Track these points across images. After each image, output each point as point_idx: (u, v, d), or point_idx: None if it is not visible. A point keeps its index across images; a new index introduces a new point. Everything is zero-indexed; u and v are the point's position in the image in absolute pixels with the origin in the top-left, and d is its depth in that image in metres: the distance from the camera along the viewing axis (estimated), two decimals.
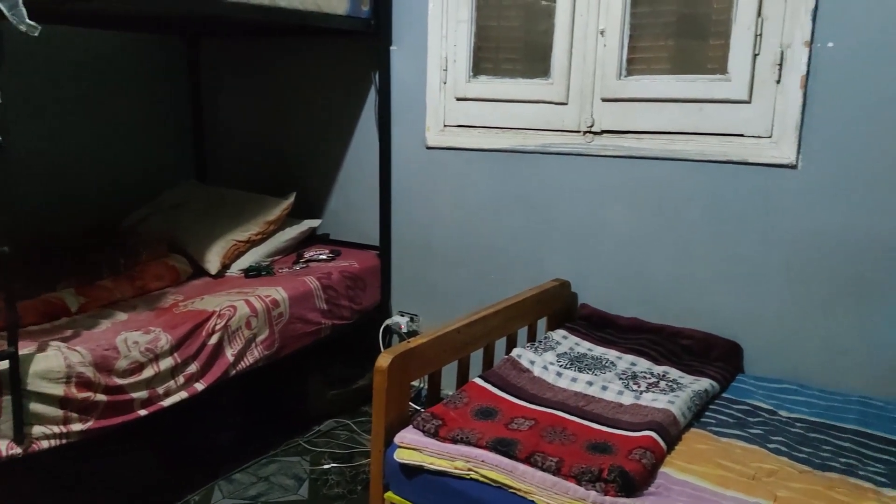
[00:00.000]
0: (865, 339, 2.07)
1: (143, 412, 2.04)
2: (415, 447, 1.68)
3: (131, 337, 2.05)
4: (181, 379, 2.16)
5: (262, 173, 3.36)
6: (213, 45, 3.41)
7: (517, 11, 2.65)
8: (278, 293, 2.50)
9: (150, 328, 2.12)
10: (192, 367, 2.19)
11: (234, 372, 2.32)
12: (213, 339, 2.24)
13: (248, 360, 2.37)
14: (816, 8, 2.02)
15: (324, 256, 2.90)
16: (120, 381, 1.97)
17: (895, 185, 1.98)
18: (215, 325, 2.25)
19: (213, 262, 2.69)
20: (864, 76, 1.99)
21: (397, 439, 1.72)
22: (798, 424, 1.87)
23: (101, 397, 1.92)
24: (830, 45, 2.02)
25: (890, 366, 2.04)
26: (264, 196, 3.00)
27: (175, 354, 2.13)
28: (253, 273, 2.71)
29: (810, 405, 1.98)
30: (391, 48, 2.84)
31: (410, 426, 1.75)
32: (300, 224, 3.01)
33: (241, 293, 2.45)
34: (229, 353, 2.30)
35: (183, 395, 2.16)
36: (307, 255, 2.91)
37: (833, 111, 2.04)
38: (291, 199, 2.95)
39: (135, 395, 2.02)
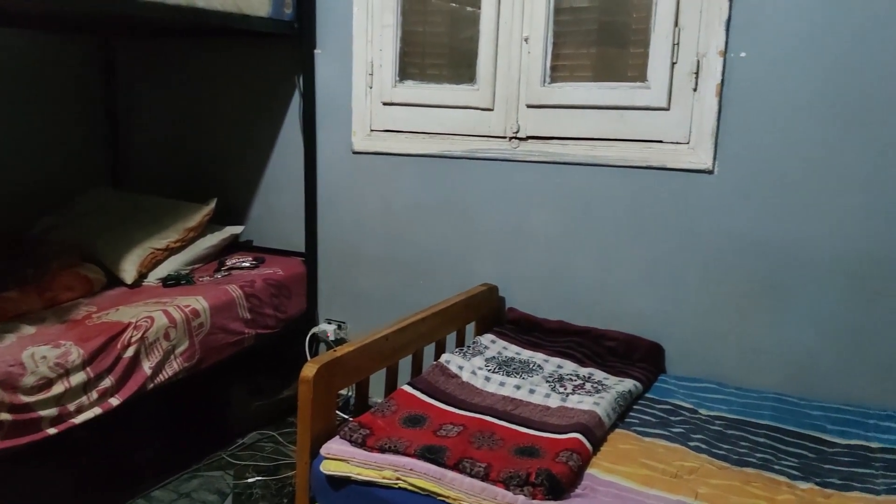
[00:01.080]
0: (778, 339, 2.16)
1: (52, 430, 1.94)
2: (341, 458, 1.65)
3: (39, 351, 1.95)
4: (94, 394, 2.06)
5: (181, 179, 3.25)
6: (128, 46, 3.29)
7: (442, 17, 2.66)
8: (199, 303, 2.41)
9: (60, 342, 2.02)
10: (107, 382, 2.09)
11: (151, 385, 2.23)
12: (129, 352, 2.14)
13: (167, 372, 2.28)
14: (730, 19, 2.09)
15: (247, 264, 2.82)
16: (26, 399, 1.87)
17: (805, 191, 2.07)
18: (131, 337, 2.16)
19: (128, 271, 2.58)
20: (775, 85, 2.07)
21: (323, 450, 1.68)
22: (717, 422, 1.93)
23: (5, 416, 1.81)
24: (743, 54, 2.10)
25: (801, 364, 2.13)
26: (184, 202, 2.91)
27: (87, 369, 2.03)
28: (171, 282, 2.61)
29: (728, 403, 2.05)
30: (315, 51, 2.80)
31: (337, 436, 1.71)
32: (222, 231, 2.92)
33: (159, 303, 2.36)
34: (146, 367, 2.20)
35: (97, 411, 2.06)
36: (229, 262, 2.83)
37: (746, 119, 2.12)
38: (212, 204, 2.87)
39: (43, 412, 1.91)
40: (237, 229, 2.98)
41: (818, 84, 2.02)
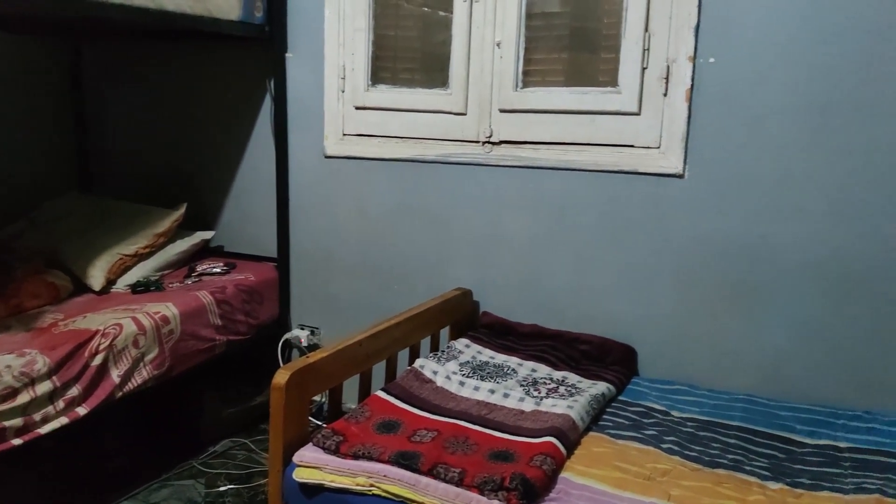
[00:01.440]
0: (748, 341, 2.18)
1: (17, 441, 1.90)
2: (314, 465, 1.64)
3: (4, 360, 1.91)
4: (61, 404, 2.02)
5: (151, 184, 3.20)
6: (97, 49, 3.24)
7: (415, 22, 2.65)
8: (168, 309, 2.38)
9: (25, 350, 1.98)
10: (74, 391, 2.05)
11: (120, 394, 2.19)
12: (97, 360, 2.11)
13: (137, 380, 2.25)
14: (699, 25, 2.12)
15: (218, 270, 2.79)
16: None
17: (774, 194, 2.10)
18: (99, 344, 2.12)
19: (96, 277, 2.54)
20: (744, 90, 2.10)
21: (296, 458, 1.66)
22: (689, 424, 1.94)
23: None
24: (712, 60, 2.13)
25: (771, 365, 2.16)
26: (153, 207, 2.87)
27: (54, 378, 1.99)
28: (141, 288, 2.57)
29: (700, 405, 2.07)
30: (287, 55, 2.78)
31: (310, 443, 1.70)
32: (192, 236, 2.89)
33: (128, 310, 2.33)
34: (115, 375, 2.17)
35: (63, 420, 2.02)
36: (200, 268, 2.80)
37: (716, 123, 2.15)
38: (182, 210, 2.83)
39: (8, 423, 1.87)
40: (208, 234, 2.95)
41: (787, 89, 2.05)
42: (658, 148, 2.24)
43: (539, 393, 1.99)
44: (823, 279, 2.07)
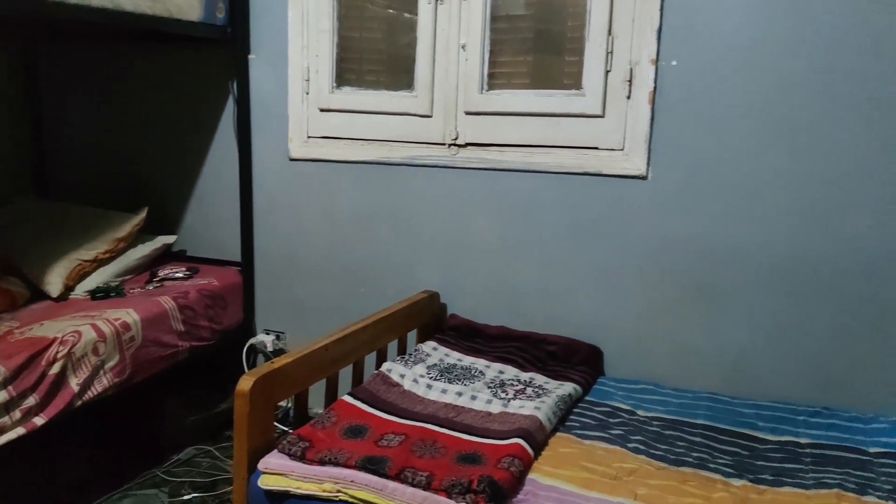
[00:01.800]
0: (712, 340, 2.21)
1: None
2: (280, 472, 1.61)
3: None
4: (17, 414, 1.96)
5: (111, 187, 3.13)
6: (54, 50, 3.16)
7: (379, 23, 2.64)
8: (129, 315, 2.33)
9: None
10: (31, 400, 1.99)
11: (80, 403, 2.14)
12: (55, 369, 2.05)
13: (97, 388, 2.19)
14: (661, 28, 2.15)
15: (180, 274, 2.74)
16: None
17: (736, 195, 2.13)
18: (57, 352, 2.06)
19: (54, 283, 2.48)
20: (706, 93, 2.13)
21: (261, 465, 1.64)
22: (654, 423, 1.96)
23: None
24: (674, 63, 2.15)
25: (734, 363, 2.19)
26: (113, 211, 2.81)
27: (9, 387, 1.93)
28: (100, 294, 2.51)
29: (665, 404, 2.09)
30: (250, 57, 2.75)
31: (275, 450, 1.67)
32: (153, 241, 2.84)
33: (88, 317, 2.27)
34: (74, 383, 2.11)
35: (20, 431, 1.96)
36: (161, 273, 2.74)
37: (678, 125, 2.18)
38: (143, 214, 2.78)
39: None
40: (170, 239, 2.90)
41: (748, 91, 2.08)
42: (622, 150, 2.26)
43: (507, 394, 2.00)
44: (785, 279, 2.11)
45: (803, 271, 2.08)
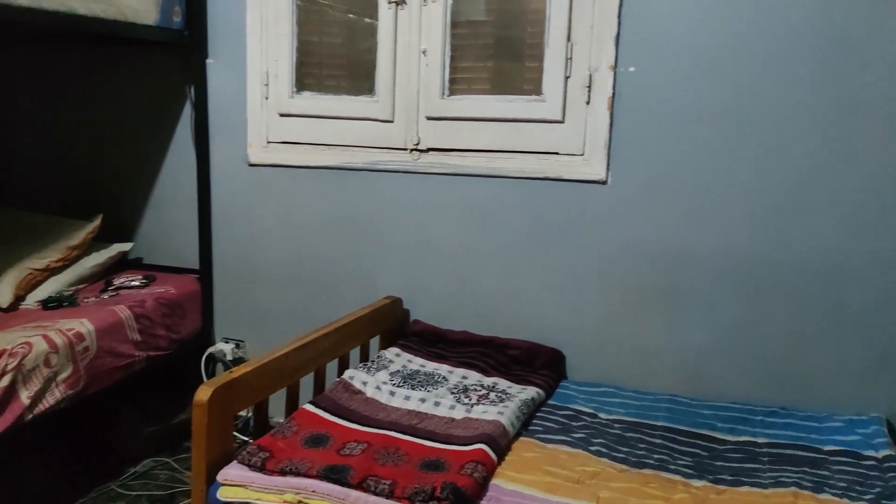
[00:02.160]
0: (672, 342, 2.24)
1: None
2: (239, 483, 1.58)
3: None
4: None
5: (64, 194, 3.05)
6: (6, 54, 3.06)
7: (339, 28, 2.63)
8: (83, 325, 2.27)
9: None
10: None
11: (30, 416, 2.07)
12: (4, 382, 1.98)
13: (49, 401, 2.13)
14: (619, 35, 2.17)
15: (136, 283, 2.68)
16: None
17: (693, 199, 2.17)
18: (6, 365, 1.99)
19: (3, 293, 2.40)
20: (664, 98, 2.16)
21: (220, 476, 1.61)
22: (616, 425, 1.98)
23: None
24: (632, 69, 2.18)
25: (694, 365, 2.22)
26: (66, 219, 2.74)
27: None
28: (53, 304, 2.44)
29: (626, 406, 2.11)
30: (207, 61, 2.70)
31: (235, 461, 1.64)
32: (108, 248, 2.77)
33: (39, 327, 2.20)
34: (24, 396, 2.05)
35: None
36: (117, 282, 2.68)
37: (637, 131, 2.20)
38: (97, 221, 2.71)
39: None
40: (125, 246, 2.83)
41: (704, 97, 2.12)
42: (582, 155, 2.28)
43: (470, 400, 1.99)
44: (743, 282, 2.14)
45: (761, 274, 2.12)
